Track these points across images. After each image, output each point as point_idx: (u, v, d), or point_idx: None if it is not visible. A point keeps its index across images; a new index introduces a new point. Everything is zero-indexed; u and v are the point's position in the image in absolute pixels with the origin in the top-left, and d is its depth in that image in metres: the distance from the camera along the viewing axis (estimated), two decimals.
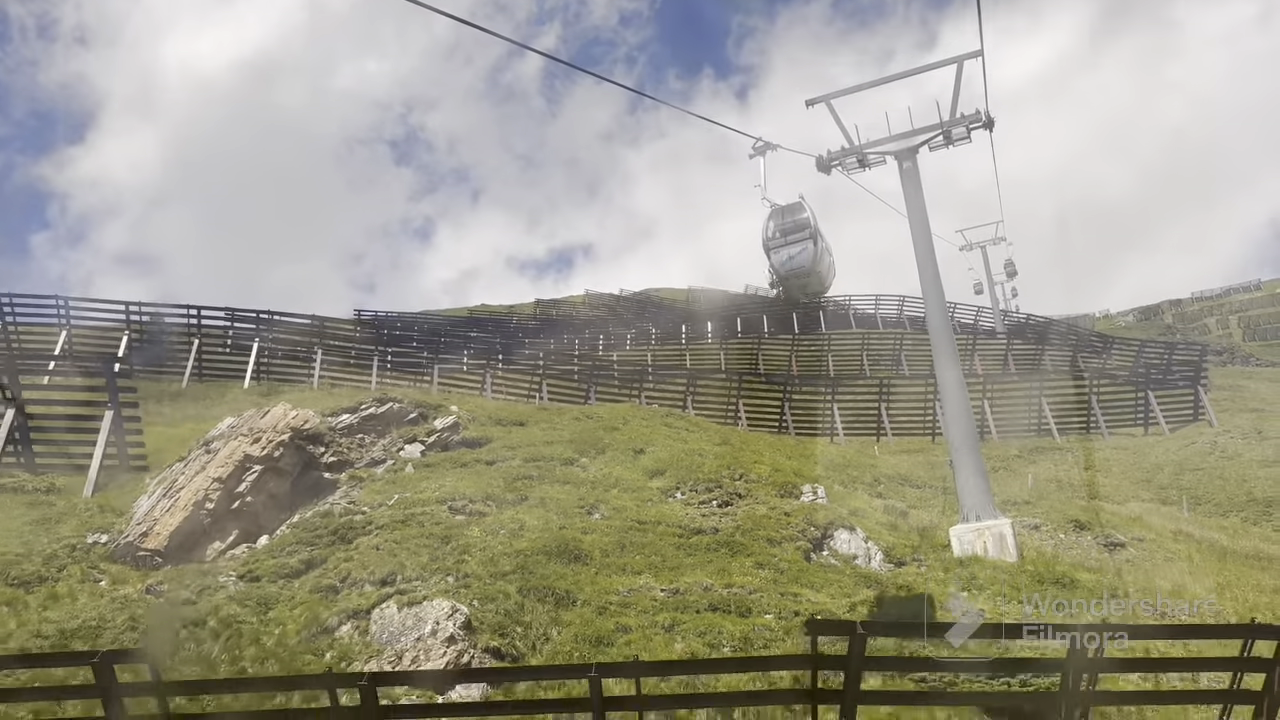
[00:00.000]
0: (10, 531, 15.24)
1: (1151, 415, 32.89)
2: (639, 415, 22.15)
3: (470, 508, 15.65)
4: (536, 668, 10.47)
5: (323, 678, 8.39)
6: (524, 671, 9.93)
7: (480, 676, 9.83)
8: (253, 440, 16.02)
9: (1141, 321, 67.15)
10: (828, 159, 16.49)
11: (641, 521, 15.59)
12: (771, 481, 17.31)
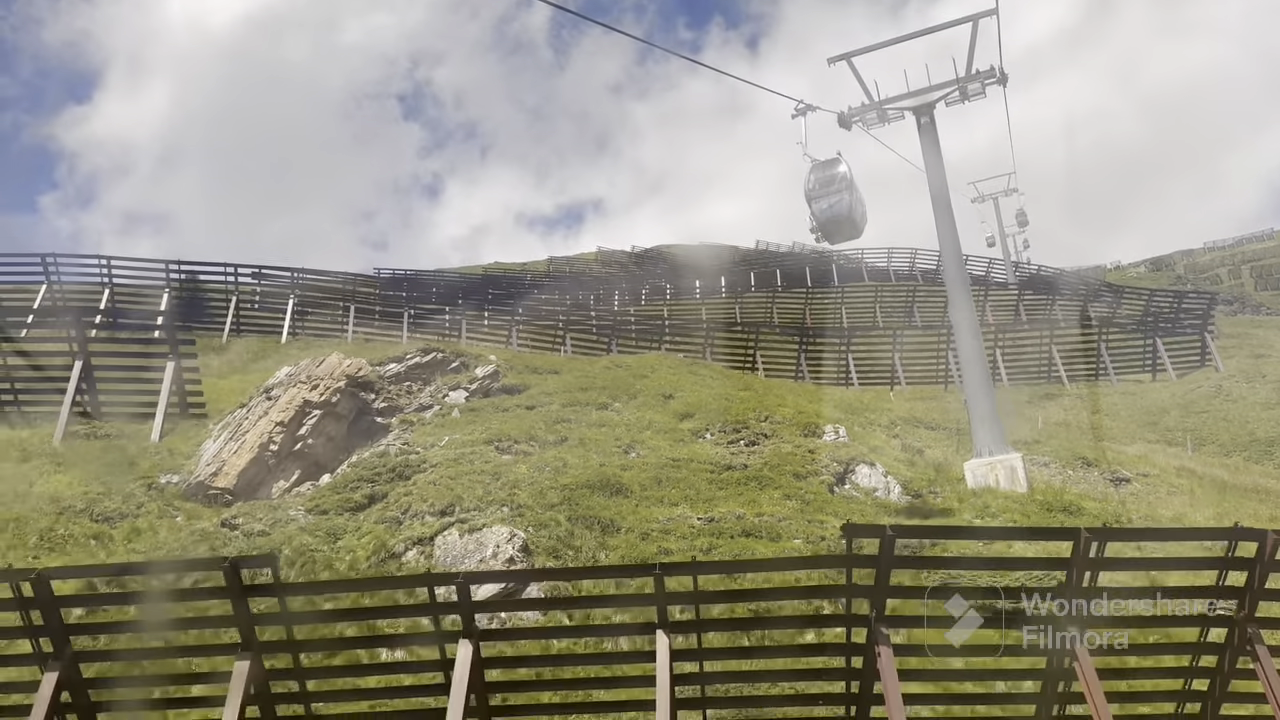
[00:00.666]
0: (89, 473, 16.50)
1: (1159, 362, 33.94)
2: (665, 364, 23.30)
3: (515, 448, 16.87)
4: (607, 567, 11.73)
5: (422, 576, 9.64)
6: (596, 570, 11.17)
7: (556, 575, 11.05)
8: (311, 387, 17.21)
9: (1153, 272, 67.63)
10: (849, 115, 17.44)
11: (675, 459, 16.79)
12: (795, 422, 18.47)
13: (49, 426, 18.34)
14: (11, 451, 17.10)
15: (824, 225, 16.83)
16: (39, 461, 16.81)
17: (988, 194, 55.44)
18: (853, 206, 16.39)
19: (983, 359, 16.70)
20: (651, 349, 31.27)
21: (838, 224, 16.74)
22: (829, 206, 16.12)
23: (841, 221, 16.65)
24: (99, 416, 18.89)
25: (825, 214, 16.16)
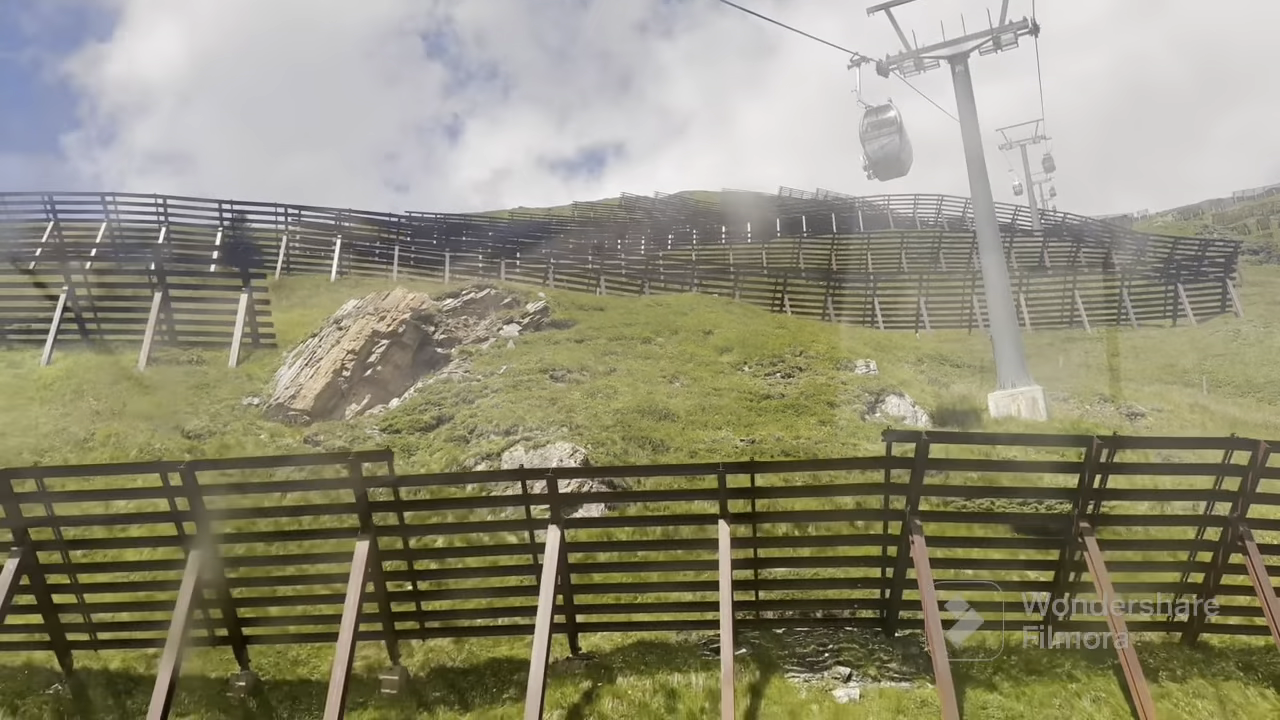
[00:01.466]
0: (176, 394, 18.07)
1: (1180, 308, 34.88)
2: (703, 303, 24.60)
3: (569, 376, 18.28)
4: (674, 465, 13.20)
5: (516, 472, 11.10)
6: (663, 469, 12.63)
7: (629, 472, 12.49)
8: (379, 319, 18.63)
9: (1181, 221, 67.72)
10: (887, 63, 18.48)
11: (717, 389, 18.18)
12: (827, 357, 19.79)
13: (131, 353, 19.89)
14: (103, 375, 18.66)
15: (875, 164, 18.51)
16: (129, 384, 18.37)
17: (1016, 140, 55.86)
18: (901, 147, 18.00)
19: (1008, 294, 17.97)
20: (683, 291, 32.51)
21: (888, 163, 18.45)
22: (880, 147, 17.71)
23: (891, 160, 18.36)
24: (176, 344, 20.41)
25: (877, 154, 17.75)
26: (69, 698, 10.90)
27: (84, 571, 10.97)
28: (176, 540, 10.66)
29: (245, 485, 11.37)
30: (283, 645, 11.40)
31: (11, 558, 10.39)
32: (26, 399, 17.64)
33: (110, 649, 11.34)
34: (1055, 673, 10.29)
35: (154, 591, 11.19)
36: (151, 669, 11.25)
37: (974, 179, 17.82)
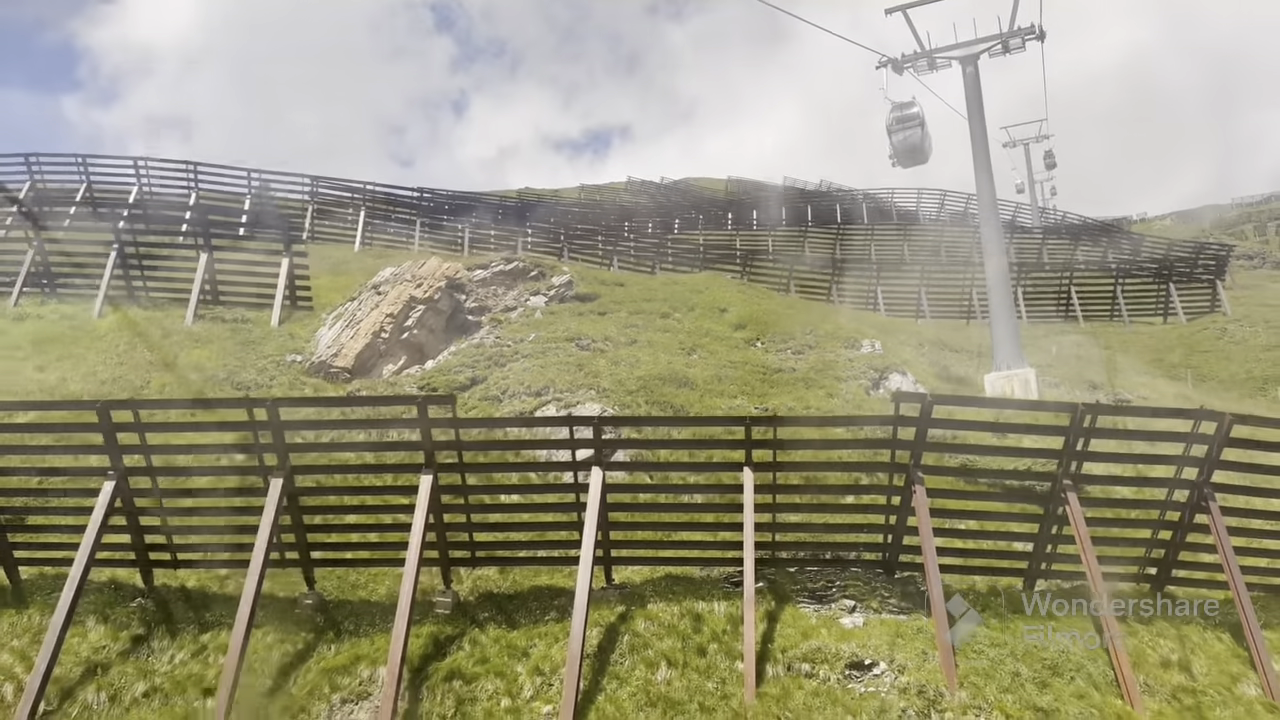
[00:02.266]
0: (226, 350, 19.35)
1: (1171, 306, 36.31)
2: (717, 283, 25.92)
3: (594, 345, 19.61)
4: (706, 417, 14.56)
5: (564, 419, 12.43)
6: (695, 420, 13.97)
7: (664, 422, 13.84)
8: (416, 285, 19.91)
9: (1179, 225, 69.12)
10: (902, 61, 19.79)
11: (732, 361, 19.53)
12: (835, 336, 21.15)
13: (176, 310, 21.15)
14: (153, 329, 19.92)
15: (900, 153, 20.58)
16: (178, 338, 19.64)
17: (1019, 139, 57.19)
18: (923, 139, 19.94)
19: (1007, 280, 19.36)
20: (692, 272, 33.80)
21: (911, 152, 20.54)
22: (905, 138, 19.50)
23: (914, 150, 20.49)
24: (219, 304, 21.66)
25: (902, 144, 19.59)
26: (152, 609, 12.23)
27: (168, 496, 12.28)
28: (256, 471, 12.00)
29: (321, 422, 12.69)
30: (343, 569, 12.75)
31: (109, 480, 11.70)
32: (83, 348, 18.90)
33: (187, 569, 12.67)
34: (1037, 611, 11.68)
35: (231, 517, 12.52)
36: (223, 588, 12.62)
37: (979, 172, 19.17)
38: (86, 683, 11.09)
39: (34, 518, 12.58)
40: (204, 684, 11.10)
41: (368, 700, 10.82)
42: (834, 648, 10.73)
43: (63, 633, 10.89)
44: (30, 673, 10.88)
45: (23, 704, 10.41)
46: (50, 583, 12.47)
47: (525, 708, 10.55)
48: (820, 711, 9.81)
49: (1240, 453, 12.17)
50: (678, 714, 10.12)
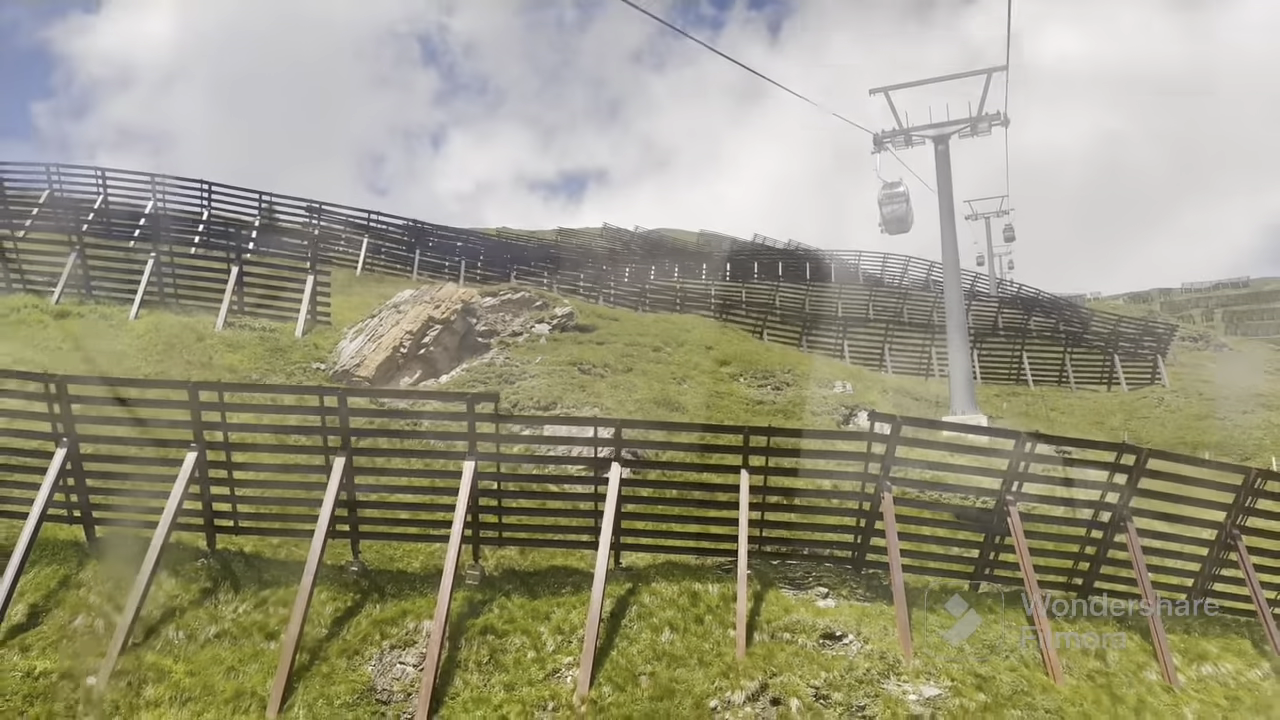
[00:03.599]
0: (257, 355, 21.24)
1: (1115, 376, 39.37)
2: (702, 324, 28.32)
3: (594, 370, 21.78)
4: (706, 424, 16.72)
5: (590, 420, 14.54)
6: (701, 426, 16.13)
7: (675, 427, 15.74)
8: (434, 306, 22.00)
9: (1129, 305, 73.04)
10: (882, 137, 22.54)
11: (719, 393, 21.81)
12: (810, 376, 23.55)
13: (207, 317, 23.00)
14: (188, 334, 21.75)
15: (888, 223, 24.24)
16: (212, 342, 21.49)
17: (981, 213, 60.76)
18: (908, 212, 23.51)
19: (965, 335, 21.97)
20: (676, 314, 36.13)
21: (898, 222, 24.18)
22: (893, 210, 22.74)
23: (900, 220, 24.11)
24: (245, 314, 23.55)
25: (890, 215, 22.91)
26: (216, 568, 14.03)
27: (238, 469, 14.16)
28: (320, 450, 13.95)
29: (376, 411, 14.71)
30: (383, 542, 14.66)
31: (192, 451, 13.59)
32: (124, 346, 20.68)
33: (246, 535, 14.51)
34: (980, 606, 13.92)
35: (287, 490, 14.42)
36: (276, 554, 14.47)
37: (945, 238, 21.84)
38: (166, 623, 12.87)
39: (111, 482, 14.35)
40: (267, 630, 12.93)
41: (413, 647, 12.74)
42: (810, 621, 12.87)
43: (150, 581, 12.69)
44: (118, 612, 12.68)
45: (116, 637, 12.18)
46: (121, 540, 14.21)
47: (549, 658, 12.53)
48: (799, 667, 11.91)
49: (1155, 483, 14.63)
50: (680, 666, 12.17)
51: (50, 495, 13.25)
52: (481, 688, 12.14)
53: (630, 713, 11.42)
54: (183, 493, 13.32)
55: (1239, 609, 14.99)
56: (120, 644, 12.07)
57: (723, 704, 11.54)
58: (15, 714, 11.21)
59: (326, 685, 12.11)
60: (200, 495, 14.00)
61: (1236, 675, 13.48)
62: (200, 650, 12.53)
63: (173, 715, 11.41)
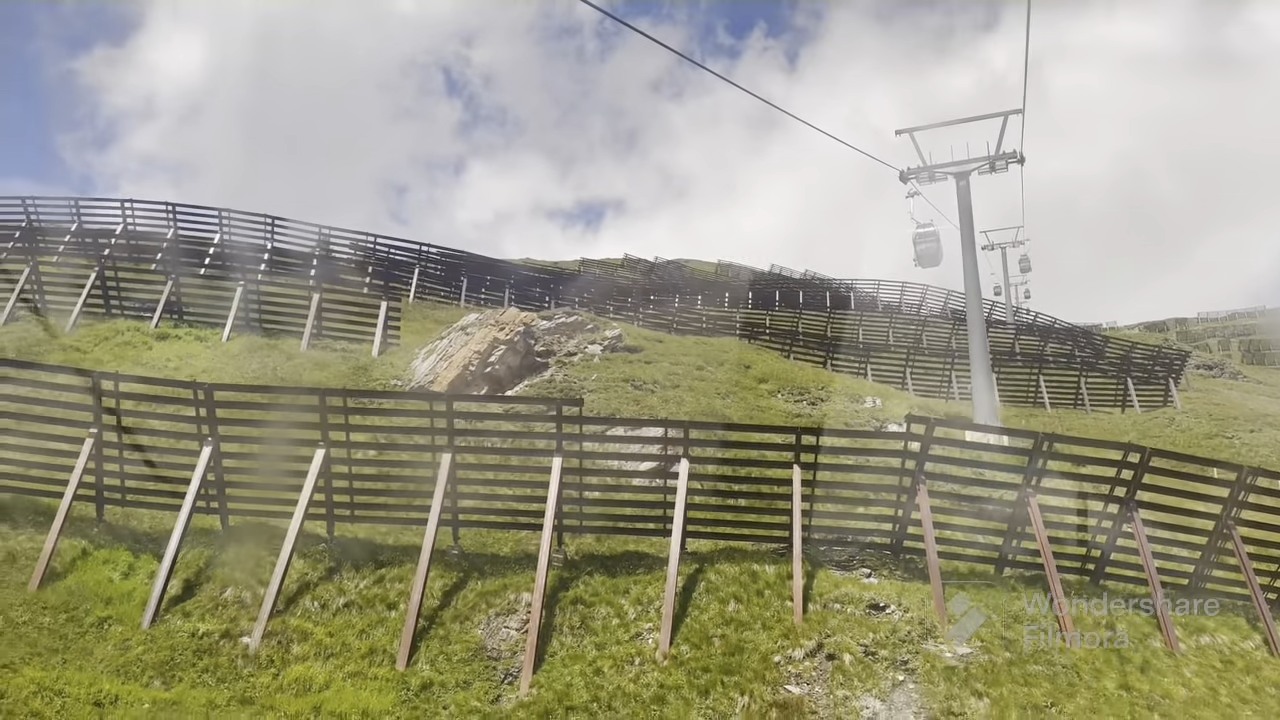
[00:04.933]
0: (341, 373, 23.56)
1: (1128, 400, 41.37)
2: (738, 345, 30.57)
3: (645, 386, 24.01)
4: (763, 426, 18.88)
5: (661, 421, 16.74)
6: (757, 427, 18.30)
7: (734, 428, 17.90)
8: (499, 329, 24.32)
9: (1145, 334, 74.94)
10: (907, 173, 24.89)
11: (760, 406, 24.00)
12: (842, 393, 25.72)
13: (291, 340, 25.39)
14: (277, 354, 24.12)
15: (921, 258, 27.09)
16: (300, 361, 23.85)
17: (997, 243, 62.95)
18: (938, 249, 26.02)
19: (986, 352, 24.15)
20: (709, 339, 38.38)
21: (930, 257, 27.02)
22: (925, 248, 25.55)
23: (932, 256, 26.96)
24: (323, 337, 25.94)
25: (923, 251, 25.71)
26: (336, 551, 16.24)
27: (356, 464, 16.41)
28: (428, 449, 16.19)
29: (481, 414, 16.96)
30: (476, 530, 16.85)
31: (320, 449, 15.85)
32: (223, 363, 23.06)
33: (360, 523, 16.73)
34: (1004, 585, 15.97)
35: (393, 483, 16.66)
36: (386, 539, 16.69)
37: (967, 265, 24.10)
38: (302, 595, 15.08)
39: (244, 477, 16.61)
40: (387, 601, 15.12)
41: (514, 615, 14.89)
42: (857, 594, 14.97)
43: (288, 561, 14.90)
44: (260, 586, 14.90)
45: (264, 605, 14.39)
46: (250, 527, 16.48)
47: (631, 625, 14.65)
48: (849, 630, 14.01)
49: (1158, 479, 16.71)
50: (746, 629, 14.28)
51: (198, 489, 15.52)
52: (575, 647, 14.27)
53: (707, 664, 13.53)
54: (313, 485, 15.57)
55: (1234, 593, 16.97)
56: (268, 610, 14.28)
57: (785, 659, 13.64)
58: (188, 665, 13.42)
59: (444, 645, 14.28)
60: (324, 489, 16.23)
61: (1231, 645, 15.46)
62: (333, 617, 14.72)
63: (319, 667, 13.59)
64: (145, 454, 16.12)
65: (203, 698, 12.76)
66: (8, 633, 13.29)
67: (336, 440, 16.15)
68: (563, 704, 12.98)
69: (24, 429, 16.09)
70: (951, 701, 12.71)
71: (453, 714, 12.99)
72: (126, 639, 13.73)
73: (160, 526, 16.49)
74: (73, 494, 15.30)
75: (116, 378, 15.78)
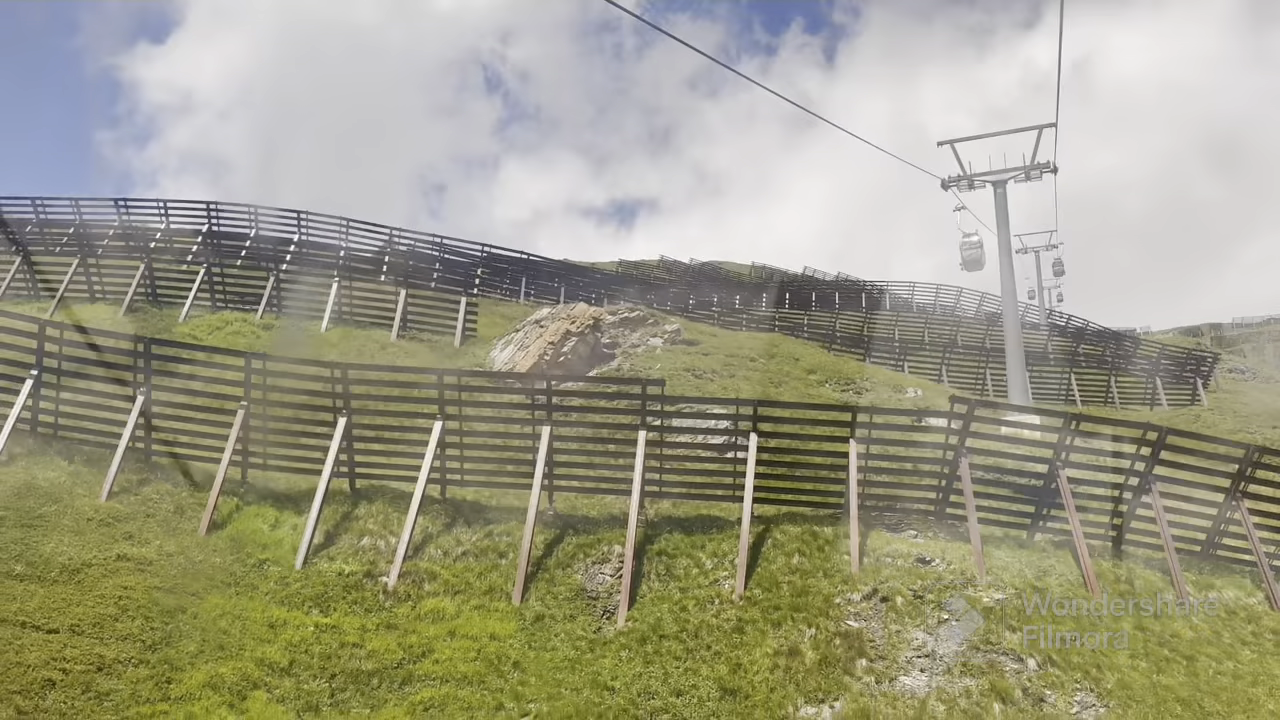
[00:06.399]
0: (429, 361, 26.22)
1: (1157, 398, 43.41)
2: (785, 341, 33.01)
3: (705, 374, 26.50)
4: (824, 404, 21.30)
5: (732, 400, 19.20)
6: (816, 405, 20.72)
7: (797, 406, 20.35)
8: (570, 322, 26.91)
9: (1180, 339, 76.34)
10: (948, 181, 27.25)
11: (810, 395, 26.39)
12: (886, 383, 28.08)
13: (381, 331, 28.12)
14: (371, 343, 26.84)
15: (967, 263, 29.28)
16: (393, 350, 26.57)
17: (1031, 247, 64.85)
18: (982, 255, 28.23)
19: (1021, 343, 26.46)
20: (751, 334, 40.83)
21: (974, 263, 29.15)
22: (970, 255, 28.02)
23: (976, 261, 28.97)
24: (407, 330, 28.65)
25: (969, 258, 28.16)
26: (449, 510, 18.84)
27: (466, 435, 19.01)
28: (529, 422, 18.76)
29: (575, 394, 19.54)
30: (568, 494, 19.39)
31: (438, 421, 18.46)
32: (325, 350, 25.78)
33: (468, 486, 19.33)
34: (1035, 547, 18.29)
35: (498, 452, 19.24)
36: (490, 501, 19.27)
37: (1004, 265, 26.41)
38: (426, 545, 17.69)
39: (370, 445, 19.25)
40: (498, 551, 17.69)
41: (608, 564, 17.40)
42: (906, 550, 17.36)
43: (415, 516, 17.50)
44: (392, 537, 17.54)
45: (398, 551, 17.00)
46: (374, 489, 19.13)
47: (709, 573, 17.13)
48: (900, 578, 16.38)
49: (1174, 455, 18.96)
50: (809, 577, 16.71)
51: (336, 455, 18.18)
52: (662, 590, 16.77)
53: (777, 604, 15.98)
54: (433, 452, 18.18)
55: (1242, 559, 19.16)
56: (401, 556, 16.89)
57: (845, 600, 16.05)
58: (339, 598, 16.04)
59: (550, 586, 16.83)
60: (439, 456, 18.84)
61: (1235, 600, 17.68)
62: (454, 562, 17.32)
63: (448, 601, 16.17)
64: (285, 424, 18.79)
65: (355, 623, 15.38)
66: (190, 568, 15.98)
67: (451, 414, 18.74)
68: (656, 633, 15.48)
69: (182, 402, 18.82)
70: (989, 634, 15.07)
71: (563, 639, 15.52)
72: (284, 576, 16.39)
73: (294, 488, 19.17)
74: (229, 459, 17.99)
75: (264, 358, 18.47)
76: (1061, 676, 14.22)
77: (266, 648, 14.31)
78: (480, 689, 14.02)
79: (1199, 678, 14.79)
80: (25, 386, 18.07)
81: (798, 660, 14.60)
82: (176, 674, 13.36)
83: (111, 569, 15.25)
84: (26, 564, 14.69)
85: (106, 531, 16.17)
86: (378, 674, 14.27)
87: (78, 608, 14.01)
